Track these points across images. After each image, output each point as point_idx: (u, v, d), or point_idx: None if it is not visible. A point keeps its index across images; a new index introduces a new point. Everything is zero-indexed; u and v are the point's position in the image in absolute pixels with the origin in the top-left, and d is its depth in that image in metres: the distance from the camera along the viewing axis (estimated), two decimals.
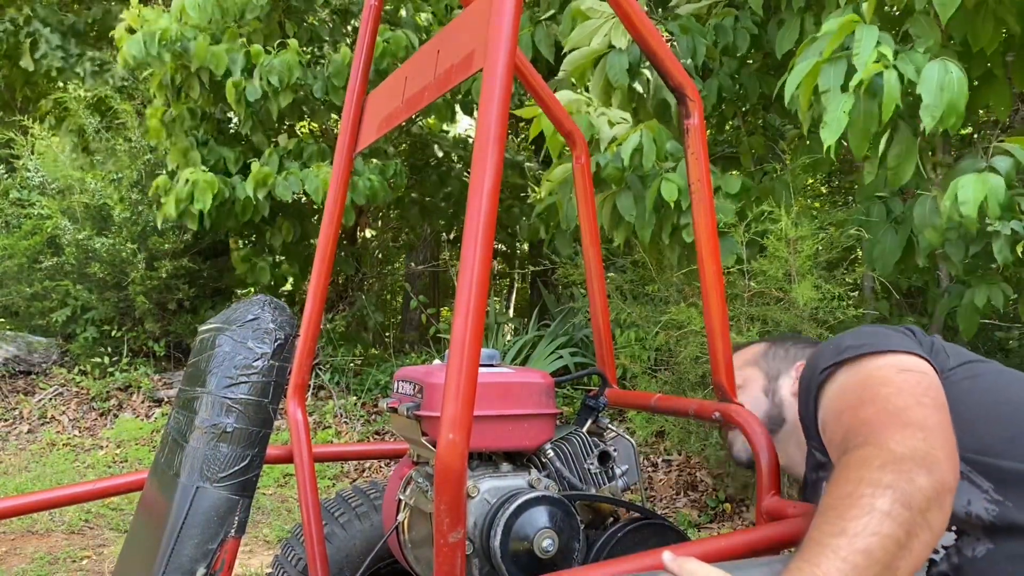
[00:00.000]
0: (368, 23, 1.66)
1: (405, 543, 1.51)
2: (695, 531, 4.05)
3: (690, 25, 3.72)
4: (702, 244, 1.46)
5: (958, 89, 2.45)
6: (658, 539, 1.38)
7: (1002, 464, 1.11)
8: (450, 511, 0.97)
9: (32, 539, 4.05)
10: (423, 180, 7.09)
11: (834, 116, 2.56)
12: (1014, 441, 1.13)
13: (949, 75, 2.47)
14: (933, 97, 2.46)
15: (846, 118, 2.54)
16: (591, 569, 1.07)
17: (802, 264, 3.53)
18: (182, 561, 1.27)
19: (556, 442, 1.55)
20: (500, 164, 1.01)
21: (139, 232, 6.18)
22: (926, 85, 2.48)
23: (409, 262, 8.52)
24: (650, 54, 1.43)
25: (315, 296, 1.70)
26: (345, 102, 1.70)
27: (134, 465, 5.30)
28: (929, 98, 2.47)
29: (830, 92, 2.62)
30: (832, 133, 2.55)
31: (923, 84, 2.48)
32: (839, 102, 2.57)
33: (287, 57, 5.22)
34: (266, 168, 5.38)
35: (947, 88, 2.45)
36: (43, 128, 6.95)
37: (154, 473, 1.53)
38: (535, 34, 4.38)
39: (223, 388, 1.37)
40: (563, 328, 6.00)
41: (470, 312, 0.98)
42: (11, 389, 6.31)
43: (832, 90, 2.62)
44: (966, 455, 1.07)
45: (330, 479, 5.13)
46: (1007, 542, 1.08)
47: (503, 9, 1.05)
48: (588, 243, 1.87)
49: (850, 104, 2.55)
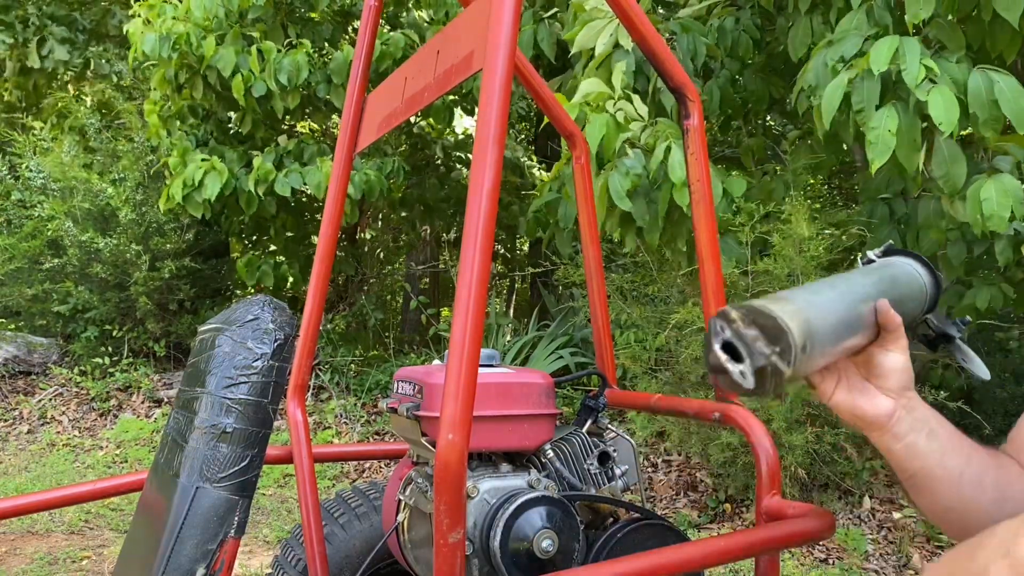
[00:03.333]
0: (368, 23, 1.66)
1: (405, 543, 1.51)
2: (695, 531, 4.04)
3: (691, 25, 3.71)
4: (702, 244, 1.46)
5: (1014, 97, 2.46)
6: (658, 539, 1.38)
7: None
8: (450, 511, 0.97)
9: (32, 539, 4.05)
10: (423, 180, 7.09)
11: (880, 136, 2.54)
12: None
13: (997, 84, 2.48)
14: (985, 110, 2.48)
15: (894, 139, 2.52)
16: (591, 569, 1.07)
17: (806, 264, 3.53)
18: (181, 561, 1.27)
19: (556, 442, 1.55)
20: (500, 164, 1.01)
21: (142, 233, 6.18)
22: (975, 99, 2.49)
23: (409, 262, 8.52)
24: (650, 54, 1.43)
25: (315, 296, 1.69)
26: (345, 102, 1.70)
27: (134, 465, 5.30)
28: (982, 112, 2.48)
29: (865, 110, 2.59)
30: (881, 155, 2.53)
31: (972, 98, 2.50)
32: (881, 120, 2.55)
33: (297, 57, 5.24)
34: (268, 164, 5.40)
35: (1003, 98, 2.47)
36: (45, 127, 6.95)
37: (154, 473, 1.53)
38: (537, 32, 4.38)
39: (223, 388, 1.37)
40: (563, 328, 6.00)
41: (470, 312, 0.98)
42: (11, 389, 6.31)
43: (867, 108, 2.59)
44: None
45: (330, 479, 5.13)
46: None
47: (503, 9, 1.04)
48: (588, 243, 1.87)
49: (894, 123, 2.53)
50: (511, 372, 1.47)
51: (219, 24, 5.36)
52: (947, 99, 2.47)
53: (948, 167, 2.74)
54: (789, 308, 0.76)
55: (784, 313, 0.75)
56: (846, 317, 0.82)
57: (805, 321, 0.76)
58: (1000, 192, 2.63)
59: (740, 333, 0.76)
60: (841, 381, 0.89)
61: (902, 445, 0.87)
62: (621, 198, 3.27)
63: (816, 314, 0.78)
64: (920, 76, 2.49)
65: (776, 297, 0.79)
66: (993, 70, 2.55)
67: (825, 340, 0.79)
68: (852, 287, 0.86)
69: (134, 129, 6.45)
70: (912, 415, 0.88)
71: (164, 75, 5.53)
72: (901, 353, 0.87)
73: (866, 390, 0.88)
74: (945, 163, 2.74)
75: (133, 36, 5.35)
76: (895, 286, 0.90)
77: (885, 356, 0.87)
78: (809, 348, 0.76)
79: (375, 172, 5.53)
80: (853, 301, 0.84)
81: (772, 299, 0.78)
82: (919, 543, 3.70)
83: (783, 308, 0.76)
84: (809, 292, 0.82)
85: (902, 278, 0.92)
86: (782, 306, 0.76)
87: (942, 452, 0.88)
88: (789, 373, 0.74)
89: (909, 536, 3.73)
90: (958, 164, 2.72)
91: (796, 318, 0.75)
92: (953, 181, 2.76)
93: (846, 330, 0.82)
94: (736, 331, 0.76)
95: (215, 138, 5.90)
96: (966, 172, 2.74)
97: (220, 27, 5.38)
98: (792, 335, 0.74)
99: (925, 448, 0.87)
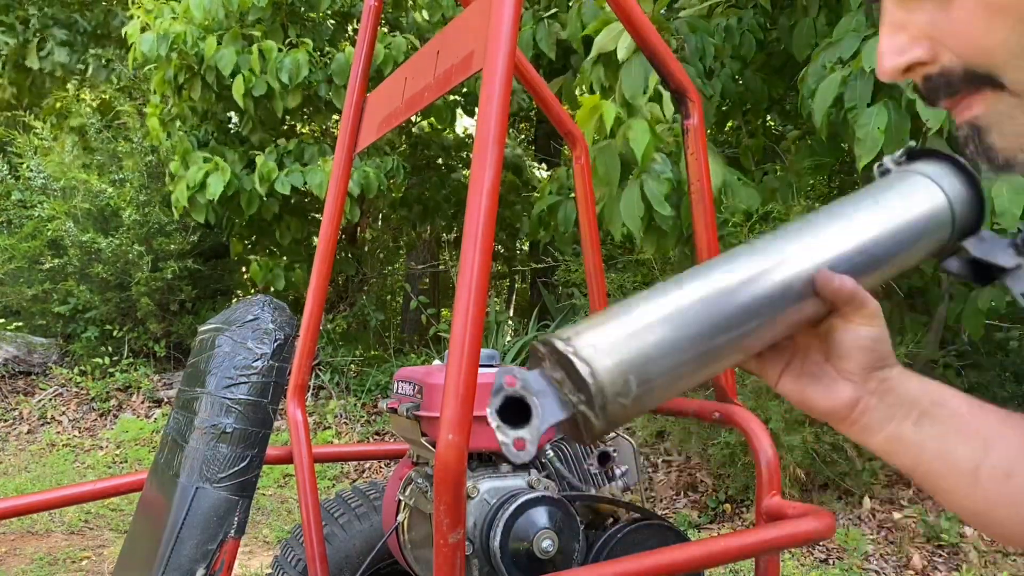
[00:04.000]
0: (368, 23, 1.66)
1: (405, 544, 1.51)
2: (695, 532, 4.04)
3: (699, 25, 3.70)
4: (702, 244, 1.46)
5: None
6: (658, 539, 1.38)
7: None
8: (450, 511, 0.97)
9: (32, 540, 4.05)
10: (423, 180, 7.10)
11: (868, 133, 2.56)
12: None
13: None
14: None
15: (882, 136, 2.54)
16: (591, 570, 1.07)
17: None
18: (181, 561, 1.27)
19: (556, 443, 1.55)
20: (500, 164, 1.01)
21: (145, 234, 6.19)
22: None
23: (409, 262, 8.52)
24: (651, 55, 1.43)
25: (315, 296, 1.69)
26: (345, 102, 1.70)
27: (134, 466, 5.30)
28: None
29: (857, 108, 2.62)
30: (869, 151, 2.55)
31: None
32: (871, 118, 2.57)
33: (297, 56, 5.24)
34: (270, 163, 5.40)
35: None
36: (45, 127, 6.96)
37: (154, 473, 1.53)
38: (536, 31, 4.38)
39: (223, 388, 1.36)
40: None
41: (470, 312, 0.98)
42: (11, 389, 6.31)
43: (859, 106, 2.62)
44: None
45: (330, 480, 5.13)
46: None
47: (503, 9, 1.04)
48: (588, 243, 1.87)
49: (884, 120, 2.55)
50: None
51: (219, 25, 5.37)
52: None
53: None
54: (599, 340, 0.58)
55: (582, 351, 0.57)
56: (743, 308, 0.61)
57: (626, 354, 0.57)
58: (1012, 190, 2.67)
59: (545, 377, 0.59)
60: (791, 364, 0.69)
61: (881, 439, 0.68)
62: (660, 203, 3.20)
63: (663, 332, 0.59)
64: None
65: (604, 315, 0.61)
66: None
67: (684, 360, 0.60)
68: (765, 256, 0.63)
69: (134, 129, 6.45)
70: (887, 400, 0.67)
71: (164, 77, 5.54)
72: (867, 325, 0.66)
73: (821, 375, 0.68)
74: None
75: (132, 37, 5.36)
76: (884, 218, 0.66)
77: (845, 331, 0.66)
78: (638, 385, 0.58)
79: (373, 170, 5.54)
80: (763, 281, 0.62)
81: (592, 321, 0.61)
82: (919, 543, 3.70)
83: (586, 341, 0.58)
84: (662, 294, 0.62)
85: (898, 203, 0.67)
86: (590, 336, 0.58)
87: (942, 440, 0.67)
88: (600, 426, 0.58)
89: (909, 536, 3.73)
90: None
91: (604, 355, 0.57)
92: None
93: (743, 324, 0.61)
94: (543, 374, 0.59)
95: (215, 138, 5.90)
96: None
97: (220, 28, 5.38)
98: (593, 382, 0.56)
99: (914, 438, 0.67)
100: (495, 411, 0.58)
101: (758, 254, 0.64)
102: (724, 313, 0.61)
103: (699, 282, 0.62)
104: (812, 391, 0.68)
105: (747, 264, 0.63)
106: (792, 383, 0.69)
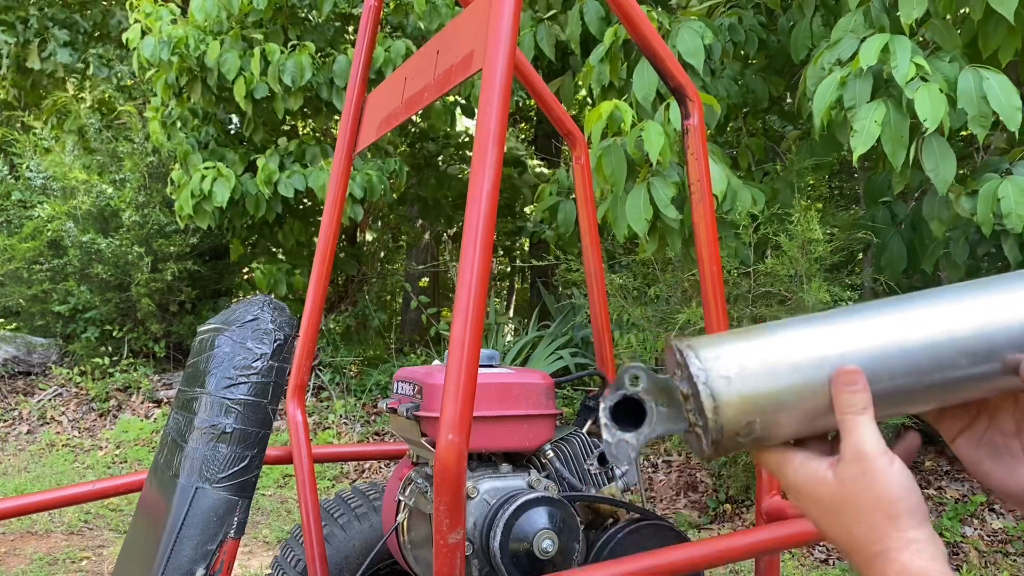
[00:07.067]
0: (367, 23, 1.66)
1: (405, 544, 1.51)
2: (695, 532, 4.04)
3: (706, 26, 3.69)
4: (702, 244, 1.46)
5: (1003, 94, 2.49)
6: (658, 540, 1.37)
7: None
8: (450, 512, 0.97)
9: (31, 540, 4.05)
10: (423, 180, 7.10)
11: (864, 126, 2.57)
12: None
13: (987, 82, 2.51)
14: (974, 107, 2.50)
15: (877, 128, 2.56)
16: (591, 570, 1.07)
17: (810, 266, 3.53)
18: (181, 562, 1.27)
19: (556, 443, 1.54)
20: (500, 164, 1.01)
21: (145, 235, 6.19)
22: (964, 97, 2.52)
23: (409, 262, 8.52)
24: (650, 54, 1.43)
25: (315, 296, 1.69)
26: (345, 102, 1.70)
27: (133, 466, 5.30)
28: (971, 109, 2.50)
29: (856, 107, 2.63)
30: (864, 143, 2.57)
31: (962, 96, 2.52)
32: (868, 112, 2.59)
33: (301, 57, 5.24)
34: (271, 165, 5.40)
35: (992, 94, 2.49)
36: (45, 128, 6.96)
37: (153, 474, 1.53)
38: (537, 33, 4.38)
39: (222, 389, 1.36)
40: (563, 328, 6.00)
41: (470, 312, 0.98)
42: (11, 389, 6.31)
43: (858, 105, 2.63)
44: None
45: (330, 480, 5.13)
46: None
47: (502, 9, 1.04)
48: (588, 243, 1.87)
49: (881, 114, 2.57)
50: (511, 372, 1.46)
51: (220, 28, 5.37)
52: (934, 96, 2.51)
53: (938, 162, 2.80)
54: (733, 370, 0.54)
55: (713, 383, 0.54)
56: (920, 369, 0.54)
57: (758, 394, 0.53)
58: (1017, 191, 2.68)
59: (673, 386, 0.57)
60: (975, 425, 0.60)
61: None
62: (667, 206, 3.19)
63: (804, 375, 0.53)
64: (910, 74, 2.52)
65: (746, 339, 0.57)
66: (984, 68, 2.59)
67: (816, 408, 0.54)
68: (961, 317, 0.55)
69: (135, 129, 6.45)
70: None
71: (166, 81, 5.53)
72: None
73: (1005, 449, 0.59)
74: (935, 158, 2.79)
75: (133, 42, 5.35)
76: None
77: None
78: (762, 428, 0.54)
79: (376, 172, 5.54)
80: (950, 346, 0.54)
81: (733, 344, 0.56)
82: None
83: (720, 371, 0.54)
84: (835, 323, 0.55)
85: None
86: (726, 365, 0.54)
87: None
88: (708, 454, 0.56)
89: None
90: (947, 160, 2.79)
91: (735, 392, 0.53)
92: (943, 176, 2.81)
93: (920, 385, 0.54)
94: (670, 382, 0.58)
95: (216, 140, 5.90)
96: (955, 168, 2.80)
97: (221, 30, 5.38)
98: (714, 419, 0.54)
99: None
100: (608, 408, 0.57)
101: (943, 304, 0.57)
102: (903, 367, 0.55)
103: (878, 320, 0.56)
104: (992, 465, 0.59)
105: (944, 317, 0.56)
106: (970, 448, 0.60)
